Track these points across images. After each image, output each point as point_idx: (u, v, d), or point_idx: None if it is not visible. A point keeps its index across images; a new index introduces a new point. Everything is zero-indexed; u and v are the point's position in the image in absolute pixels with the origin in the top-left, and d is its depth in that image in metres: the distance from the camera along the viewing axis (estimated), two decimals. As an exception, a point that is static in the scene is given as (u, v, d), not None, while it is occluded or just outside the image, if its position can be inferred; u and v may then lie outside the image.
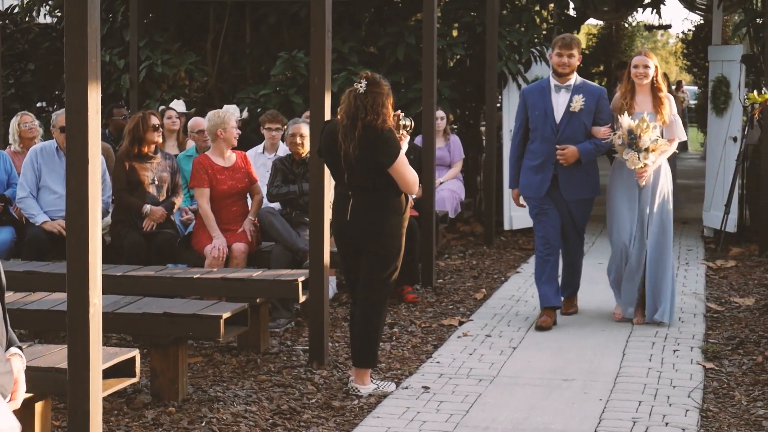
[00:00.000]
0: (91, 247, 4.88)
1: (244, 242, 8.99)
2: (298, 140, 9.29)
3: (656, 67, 8.60)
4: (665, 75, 15.19)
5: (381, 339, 7.34)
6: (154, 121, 9.31)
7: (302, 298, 7.87)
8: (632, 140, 8.32)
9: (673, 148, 8.65)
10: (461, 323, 8.96)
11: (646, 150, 8.31)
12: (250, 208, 9.26)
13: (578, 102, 8.59)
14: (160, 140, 9.44)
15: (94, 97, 4.84)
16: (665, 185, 8.69)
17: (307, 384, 7.12)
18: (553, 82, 8.72)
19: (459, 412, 6.50)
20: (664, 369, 7.46)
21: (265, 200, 9.47)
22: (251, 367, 7.54)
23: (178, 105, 12.09)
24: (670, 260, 8.79)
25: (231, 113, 9.44)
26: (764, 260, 11.37)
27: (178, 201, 9.54)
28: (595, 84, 9.14)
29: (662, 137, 8.51)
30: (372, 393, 6.91)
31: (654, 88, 8.63)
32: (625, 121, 8.36)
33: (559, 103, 8.66)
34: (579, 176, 8.70)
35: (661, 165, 8.64)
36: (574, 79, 8.71)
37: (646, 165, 8.39)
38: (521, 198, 8.96)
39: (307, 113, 11.20)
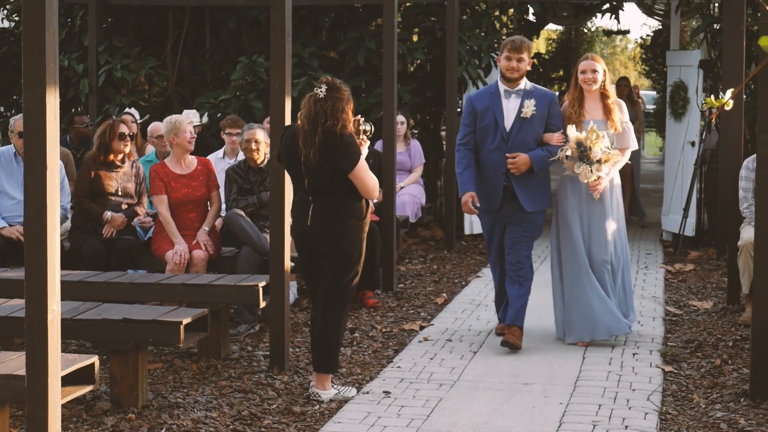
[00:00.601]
0: (49, 252, 4.84)
1: (203, 250, 8.96)
2: (253, 146, 9.26)
3: (605, 71, 8.26)
4: (626, 79, 15.28)
5: (342, 344, 7.34)
6: (123, 129, 9.24)
7: (263, 304, 7.85)
8: (582, 153, 7.93)
9: (626, 158, 8.32)
10: (422, 328, 8.96)
11: (598, 162, 7.92)
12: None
13: (529, 107, 8.12)
14: (128, 150, 9.35)
15: (53, 102, 4.81)
16: (617, 196, 8.35)
17: (267, 389, 7.10)
18: (502, 87, 8.22)
19: (420, 417, 6.50)
20: (623, 372, 7.50)
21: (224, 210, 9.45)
22: (212, 373, 7.51)
23: (192, 115, 11.92)
24: (630, 270, 8.58)
25: (183, 118, 9.39)
26: (722, 264, 11.46)
27: (141, 209, 9.49)
28: (546, 88, 8.66)
29: (612, 146, 8.15)
30: (333, 398, 6.90)
31: (602, 95, 8.28)
32: (572, 133, 7.99)
33: (510, 108, 8.18)
34: (535, 186, 8.22)
35: (614, 179, 8.30)
36: (524, 83, 8.23)
37: (599, 177, 8.01)
38: (471, 203, 8.17)
39: (269, 118, 11.22)
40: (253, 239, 8.97)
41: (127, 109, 12.22)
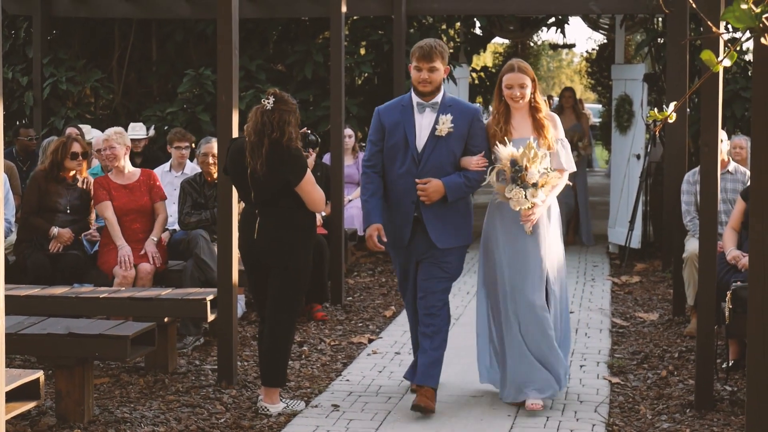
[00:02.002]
0: (-6, 266, 4.78)
1: (149, 263, 8.90)
2: (211, 160, 9.21)
3: (534, 82, 7.02)
4: (571, 90, 15.17)
5: (290, 357, 7.32)
6: (76, 148, 9.15)
7: (211, 317, 7.81)
8: (517, 173, 6.65)
9: (564, 181, 7.02)
10: (371, 341, 8.96)
11: (535, 186, 6.65)
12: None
13: (445, 124, 6.76)
14: (81, 168, 9.26)
15: (-3, 114, 4.75)
16: (555, 228, 7.11)
17: (215, 404, 7.06)
18: (415, 99, 6.87)
19: (368, 430, 6.49)
20: (571, 384, 7.53)
21: (176, 225, 9.40)
22: (159, 387, 7.46)
23: (138, 128, 11.77)
24: (568, 323, 7.34)
25: (106, 135, 9.27)
26: (668, 276, 11.56)
27: (88, 225, 9.40)
28: (468, 102, 7.54)
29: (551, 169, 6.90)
30: (281, 412, 6.87)
31: (532, 108, 7.01)
32: (506, 150, 6.68)
33: (423, 125, 6.82)
34: (451, 218, 6.88)
35: (551, 207, 7.04)
36: (441, 95, 6.87)
37: (534, 205, 6.73)
38: (377, 237, 6.88)
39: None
40: (211, 269, 8.85)
41: (130, 126, 11.87)
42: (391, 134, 6.88)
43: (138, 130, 11.48)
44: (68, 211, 9.19)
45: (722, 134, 8.87)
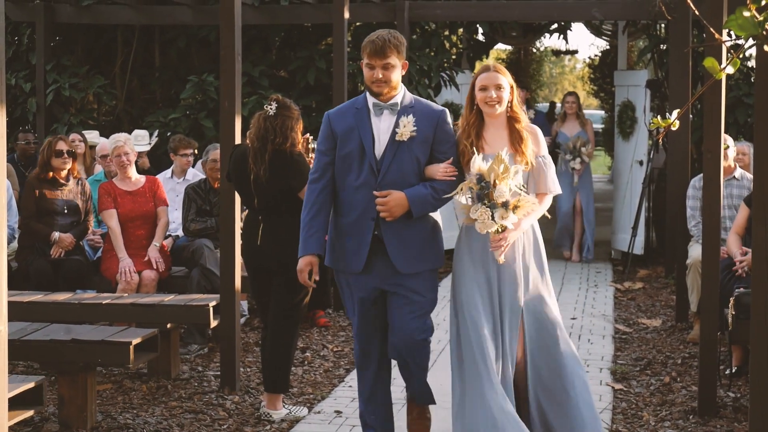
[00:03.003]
0: (1, 270, 4.79)
1: (153, 269, 8.91)
2: (218, 166, 9.19)
3: (512, 87, 5.96)
4: (574, 94, 14.41)
5: (293, 363, 7.32)
6: (60, 146, 9.18)
7: (213, 323, 7.81)
8: (483, 191, 5.63)
9: (544, 207, 5.91)
10: (373, 347, 8.95)
11: (505, 206, 5.61)
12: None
13: (407, 127, 5.82)
14: (67, 167, 9.27)
15: (0, 120, 4.76)
16: (537, 256, 5.97)
17: (218, 410, 7.06)
18: (371, 100, 5.90)
19: (371, 436, 6.49)
20: (574, 390, 7.52)
21: (179, 231, 9.41)
22: (162, 394, 7.46)
23: (141, 137, 11.77)
24: (579, 374, 5.87)
25: (116, 140, 9.28)
26: (670, 282, 11.56)
27: (88, 228, 9.42)
28: (434, 103, 6.31)
29: (527, 189, 5.84)
30: (284, 418, 6.87)
31: (510, 119, 5.94)
32: (476, 162, 5.69)
33: (381, 130, 5.86)
34: (416, 237, 5.87)
35: (531, 229, 5.93)
36: (402, 95, 5.91)
37: (505, 229, 5.66)
38: (312, 270, 5.92)
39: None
40: (218, 277, 8.84)
41: (133, 133, 11.81)
42: (344, 142, 5.87)
43: (141, 140, 11.47)
44: (66, 212, 9.20)
45: (729, 140, 8.87)
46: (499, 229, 5.65)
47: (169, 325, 7.78)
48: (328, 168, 5.91)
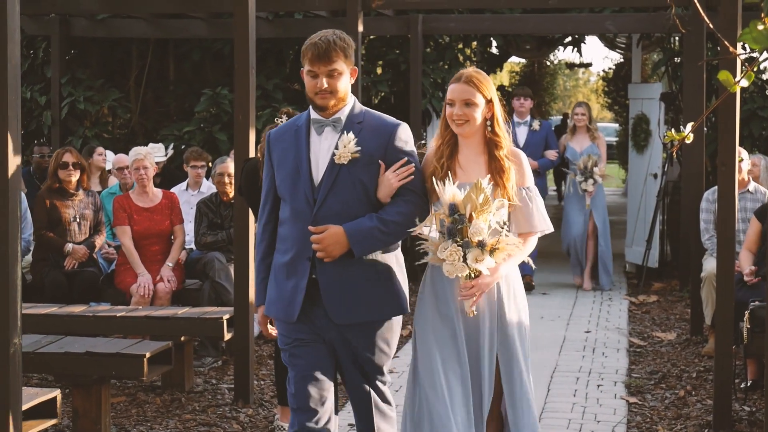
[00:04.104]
0: (11, 285, 4.80)
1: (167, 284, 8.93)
2: (226, 179, 9.21)
3: (491, 102, 4.96)
4: (585, 105, 13.01)
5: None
6: (66, 158, 9.22)
7: (227, 336, 7.82)
8: (455, 225, 4.67)
9: (528, 249, 4.94)
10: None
11: (481, 246, 4.66)
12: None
13: (347, 146, 4.80)
14: (72, 178, 9.28)
15: (14, 134, 4.78)
16: (517, 308, 4.98)
17: (232, 423, 7.06)
18: (313, 115, 4.93)
19: (385, 450, 6.47)
20: (588, 404, 7.51)
21: (192, 244, 9.43)
22: (176, 407, 7.46)
23: (156, 150, 11.79)
24: None
25: (136, 153, 9.29)
26: (685, 295, 11.52)
27: (101, 239, 9.45)
28: (388, 117, 5.04)
29: (509, 227, 4.88)
30: (298, 431, 6.84)
31: (489, 142, 4.96)
32: (449, 189, 4.73)
33: (320, 151, 4.88)
34: (361, 279, 4.85)
35: (509, 276, 4.95)
36: (350, 108, 4.92)
37: (479, 275, 4.72)
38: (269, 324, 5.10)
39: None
40: (228, 291, 8.85)
41: (150, 146, 11.74)
42: (280, 165, 4.96)
43: (157, 152, 11.51)
44: (78, 221, 9.23)
45: (743, 153, 8.85)
46: (472, 275, 4.70)
47: (183, 338, 7.78)
48: (275, 199, 5.05)
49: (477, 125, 4.91)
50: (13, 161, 4.79)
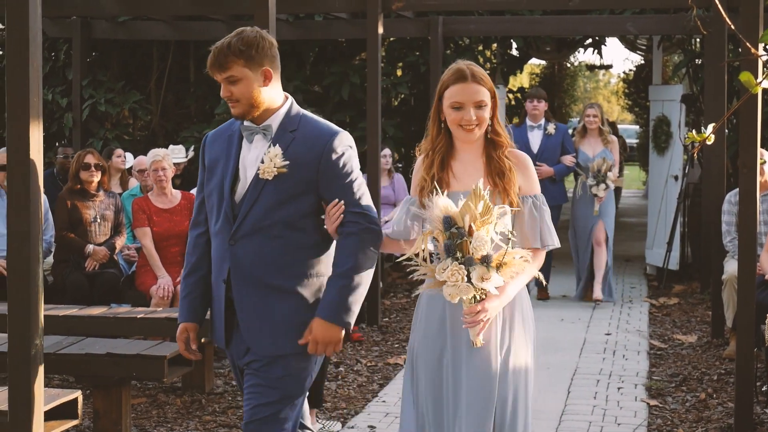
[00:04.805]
0: (32, 286, 4.82)
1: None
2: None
3: (494, 99, 4.42)
4: (597, 107, 12.09)
5: (326, 378, 7.32)
6: (89, 159, 9.26)
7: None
8: (454, 241, 4.09)
9: (537, 266, 4.35)
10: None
11: (486, 262, 4.07)
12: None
13: (273, 160, 4.29)
14: (94, 179, 9.32)
15: (36, 135, 4.80)
16: (525, 335, 4.39)
17: (252, 424, 7.06)
18: (244, 121, 4.44)
19: (405, 452, 6.47)
20: (608, 406, 7.49)
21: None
22: (196, 408, 7.48)
23: (177, 152, 11.82)
24: None
25: (155, 155, 9.31)
26: (706, 297, 11.48)
27: (121, 240, 9.48)
28: (328, 123, 4.46)
29: (516, 237, 4.24)
30: (317, 433, 6.82)
31: (489, 142, 4.41)
32: (440, 202, 4.15)
33: (248, 162, 4.40)
34: (283, 305, 4.35)
35: (519, 297, 4.35)
36: (283, 113, 4.40)
37: (486, 294, 4.11)
38: (189, 338, 4.60)
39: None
40: None
41: (169, 148, 11.74)
42: (209, 175, 4.51)
43: (178, 153, 11.54)
44: (99, 222, 9.26)
45: (766, 155, 8.81)
46: (477, 297, 4.08)
47: (203, 340, 7.79)
48: (204, 208, 4.58)
49: (484, 127, 4.37)
50: (35, 163, 4.81)
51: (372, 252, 4.31)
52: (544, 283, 4.42)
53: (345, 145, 4.35)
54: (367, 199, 4.37)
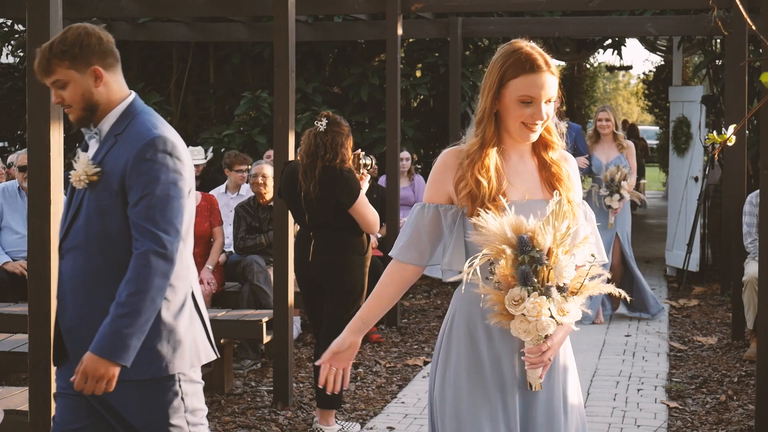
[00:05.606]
0: (52, 287, 4.84)
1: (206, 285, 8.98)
2: (260, 180, 9.24)
3: (559, 94, 3.75)
4: (609, 110, 11.33)
5: (345, 379, 7.31)
6: None
7: (266, 339, 7.84)
8: (534, 265, 3.41)
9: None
10: (426, 363, 8.94)
11: (562, 290, 3.44)
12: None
13: (85, 167, 3.90)
14: None
15: (57, 137, 4.82)
16: (575, 378, 3.82)
17: (271, 425, 7.08)
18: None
19: (424, 453, 6.48)
20: (628, 408, 7.47)
21: (232, 247, 9.46)
22: (215, 408, 7.49)
23: (196, 153, 11.85)
24: None
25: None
26: (726, 299, 11.43)
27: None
28: (152, 124, 3.93)
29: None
30: (336, 434, 6.82)
31: (541, 143, 3.72)
32: (510, 218, 3.44)
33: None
34: (96, 325, 3.80)
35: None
36: (115, 117, 3.96)
37: (557, 329, 3.46)
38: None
39: (269, 152, 11.26)
40: (266, 294, 8.87)
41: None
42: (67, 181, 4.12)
43: (197, 155, 11.57)
44: None
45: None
46: (549, 329, 3.42)
47: (222, 341, 7.81)
48: None
49: (538, 131, 3.65)
50: (55, 164, 4.84)
51: (159, 280, 3.74)
52: (629, 299, 3.77)
53: (158, 151, 3.82)
54: (167, 219, 3.78)
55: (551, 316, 3.38)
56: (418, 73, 14.68)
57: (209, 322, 4.17)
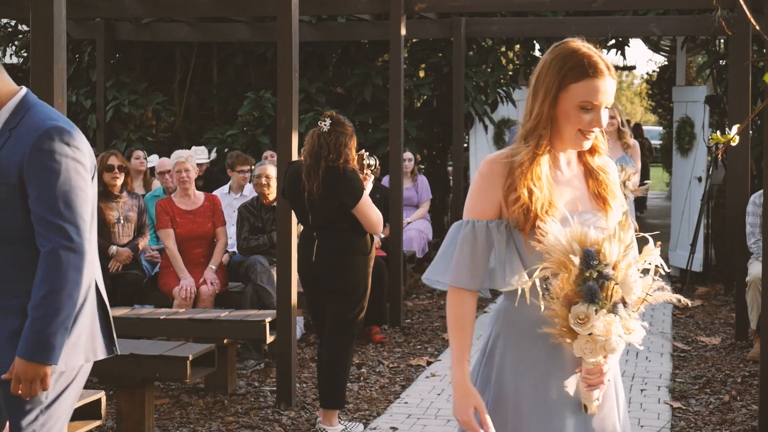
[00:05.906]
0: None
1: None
2: (264, 181, 9.24)
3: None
4: (615, 108, 10.66)
5: (349, 379, 7.32)
6: (112, 161, 9.28)
7: (270, 339, 7.84)
8: (601, 282, 3.22)
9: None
10: (429, 363, 8.94)
11: (625, 306, 3.28)
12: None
13: None
14: (117, 181, 9.34)
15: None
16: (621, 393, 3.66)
17: (274, 425, 7.08)
18: None
19: (427, 453, 6.47)
20: (631, 408, 7.46)
21: (235, 247, 9.47)
22: (218, 409, 7.49)
23: (199, 153, 11.85)
24: None
25: (178, 156, 9.34)
26: (730, 299, 11.43)
27: (144, 241, 9.50)
28: (48, 115, 3.84)
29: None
30: (340, 434, 6.82)
31: (591, 148, 3.50)
32: (576, 229, 3.26)
33: None
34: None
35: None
36: (9, 110, 3.83)
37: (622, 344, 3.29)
38: None
39: (266, 153, 11.27)
40: (269, 295, 8.88)
41: (192, 149, 11.72)
42: None
43: (200, 154, 11.58)
44: (122, 223, 9.28)
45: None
46: (611, 349, 3.26)
47: (225, 341, 7.81)
48: None
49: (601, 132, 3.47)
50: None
51: (72, 273, 3.65)
52: (689, 304, 3.57)
53: (54, 141, 3.70)
54: (72, 209, 3.69)
55: (619, 335, 3.21)
56: (422, 74, 14.68)
57: (113, 316, 4.06)
